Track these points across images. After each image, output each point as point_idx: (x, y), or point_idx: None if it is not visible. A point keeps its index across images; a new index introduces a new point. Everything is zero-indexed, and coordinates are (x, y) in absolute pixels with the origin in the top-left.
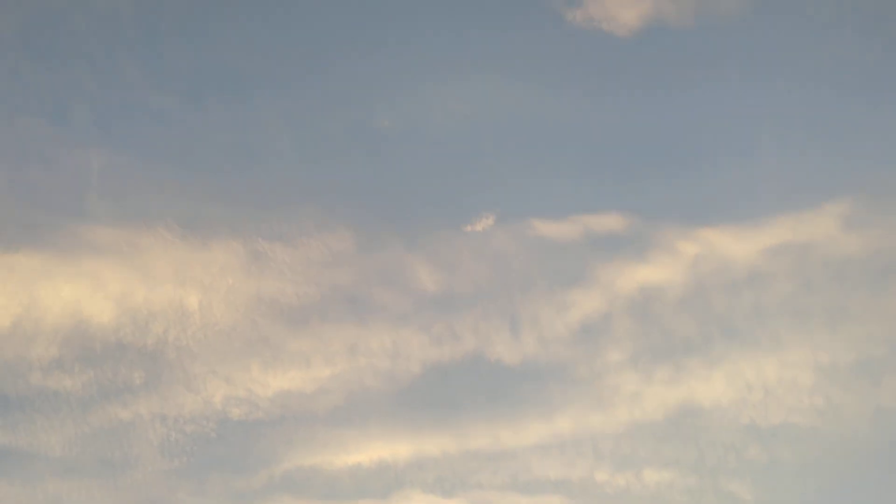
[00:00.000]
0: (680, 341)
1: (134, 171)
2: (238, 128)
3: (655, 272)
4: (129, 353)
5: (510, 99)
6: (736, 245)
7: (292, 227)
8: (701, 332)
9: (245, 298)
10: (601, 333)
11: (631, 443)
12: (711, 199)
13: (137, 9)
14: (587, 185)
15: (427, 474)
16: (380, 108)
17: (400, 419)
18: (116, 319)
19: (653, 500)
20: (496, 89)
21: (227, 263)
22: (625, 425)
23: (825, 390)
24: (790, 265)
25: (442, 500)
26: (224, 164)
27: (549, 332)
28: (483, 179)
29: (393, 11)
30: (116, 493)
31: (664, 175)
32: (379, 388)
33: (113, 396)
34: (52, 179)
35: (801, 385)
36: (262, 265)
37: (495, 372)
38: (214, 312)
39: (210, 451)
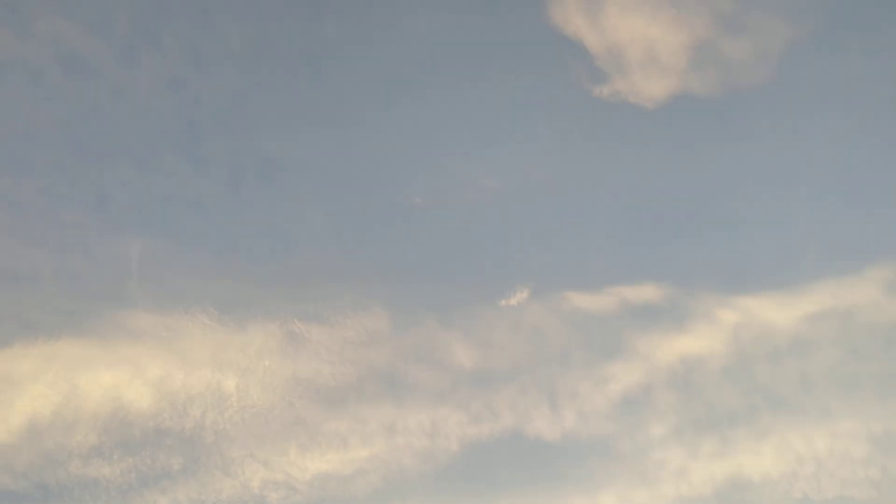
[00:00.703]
0: (725, 413)
1: (172, 257)
2: (273, 212)
3: (695, 342)
4: (168, 439)
5: (541, 172)
6: (777, 312)
7: (327, 308)
8: (746, 402)
9: (282, 380)
10: (643, 406)
11: None
12: (749, 265)
13: (175, 99)
14: (622, 256)
15: None
16: (411, 185)
17: (440, 499)
18: (155, 405)
19: None
20: (527, 163)
21: (264, 345)
22: (672, 501)
23: (880, 461)
24: (834, 332)
25: None
26: (260, 248)
27: (590, 406)
28: (516, 253)
29: (421, 90)
30: None
31: (700, 243)
32: (418, 468)
33: (152, 483)
34: (93, 267)
35: (855, 456)
36: (298, 346)
37: (535, 448)
38: (251, 395)
39: None
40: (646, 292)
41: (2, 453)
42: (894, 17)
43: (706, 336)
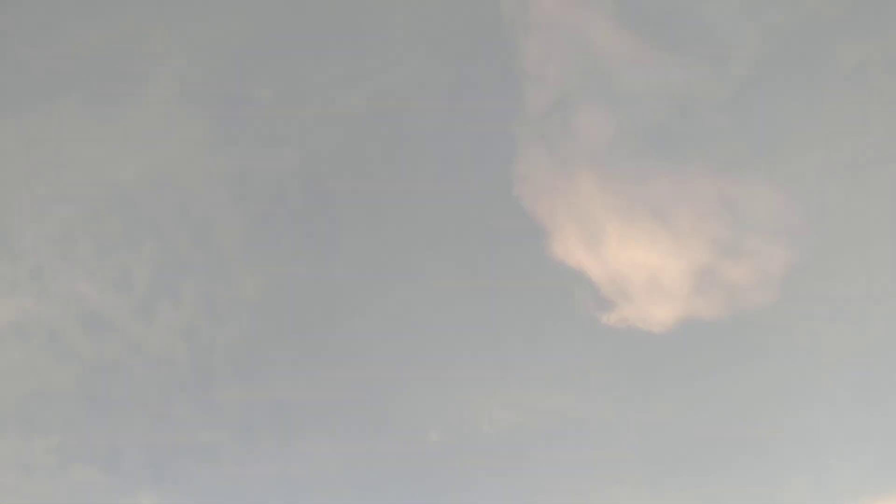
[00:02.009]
0: None
1: None
2: (286, 458)
3: None
4: None
5: (556, 402)
6: None
7: None
8: None
9: None
10: None
11: None
12: (781, 492)
13: (189, 348)
14: (645, 488)
15: None
16: (425, 422)
17: None
18: None
19: None
20: (541, 394)
21: None
22: None
23: None
24: None
25: None
26: (273, 499)
27: None
28: (536, 490)
29: (431, 328)
30: None
31: (727, 470)
32: None
33: None
34: None
35: None
36: None
37: None
38: None
39: None
40: None
41: None
42: (890, 236)
43: None
